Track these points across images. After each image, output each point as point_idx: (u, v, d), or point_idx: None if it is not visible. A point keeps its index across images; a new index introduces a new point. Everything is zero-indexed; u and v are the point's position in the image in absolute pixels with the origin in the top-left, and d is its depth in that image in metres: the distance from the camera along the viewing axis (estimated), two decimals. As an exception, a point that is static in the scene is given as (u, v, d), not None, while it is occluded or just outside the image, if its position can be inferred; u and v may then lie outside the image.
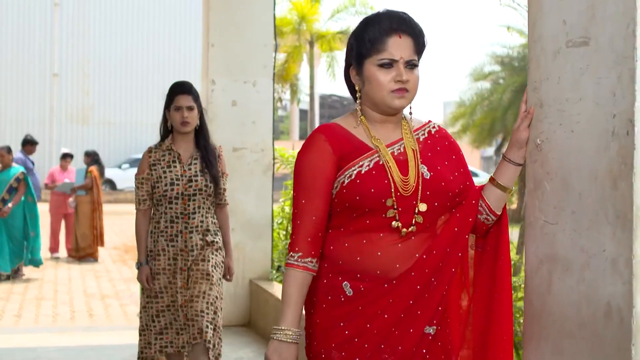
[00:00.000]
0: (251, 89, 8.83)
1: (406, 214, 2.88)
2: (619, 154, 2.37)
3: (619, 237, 2.37)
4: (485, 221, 3.00)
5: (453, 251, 2.95)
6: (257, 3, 8.83)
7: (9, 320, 9.52)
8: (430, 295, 2.90)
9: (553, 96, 2.70)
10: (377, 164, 2.89)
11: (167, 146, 5.62)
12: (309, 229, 2.89)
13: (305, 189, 2.92)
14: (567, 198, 2.62)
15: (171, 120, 5.58)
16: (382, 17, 2.92)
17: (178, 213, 5.50)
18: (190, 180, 5.53)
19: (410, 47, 2.88)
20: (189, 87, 5.64)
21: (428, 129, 3.07)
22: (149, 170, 5.57)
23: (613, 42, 2.41)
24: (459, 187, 2.97)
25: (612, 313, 2.40)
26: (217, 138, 8.58)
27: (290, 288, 2.87)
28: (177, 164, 5.57)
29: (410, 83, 2.88)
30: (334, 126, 2.99)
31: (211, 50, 8.78)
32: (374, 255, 2.86)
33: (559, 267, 2.66)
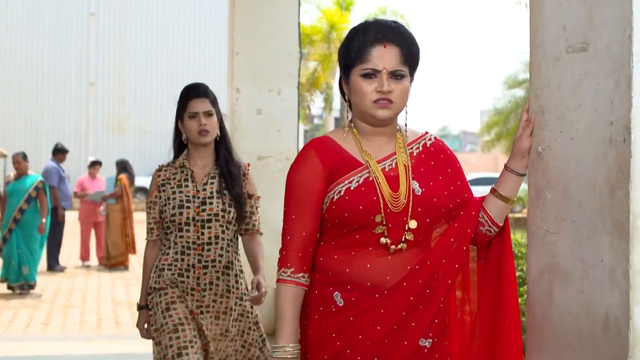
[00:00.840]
0: (276, 98, 8.79)
1: (396, 231, 2.83)
2: (616, 162, 2.32)
3: (616, 247, 2.32)
4: (488, 233, 2.95)
5: (449, 262, 2.90)
6: (282, 12, 8.82)
7: (36, 328, 9.57)
8: (425, 307, 2.85)
9: (554, 103, 2.66)
10: (367, 180, 2.85)
11: (180, 163, 4.58)
12: (299, 244, 2.87)
13: (296, 205, 2.90)
14: (567, 207, 2.58)
15: (186, 131, 4.56)
16: (368, 27, 2.88)
17: (190, 243, 4.44)
18: (204, 202, 4.46)
19: (396, 57, 2.83)
20: (204, 89, 4.64)
21: (423, 141, 3.01)
22: (157, 192, 4.55)
23: (611, 48, 2.36)
24: (453, 201, 2.91)
25: (610, 325, 2.35)
26: (241, 147, 8.60)
27: (285, 304, 2.85)
28: (190, 182, 4.52)
29: (394, 94, 2.82)
30: (326, 140, 2.96)
31: (236, 59, 8.76)
32: (364, 268, 2.83)
33: (560, 278, 2.61)
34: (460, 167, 3.02)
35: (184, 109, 4.57)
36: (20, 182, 12.37)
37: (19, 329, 9.55)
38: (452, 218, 2.93)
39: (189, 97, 4.58)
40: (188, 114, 4.52)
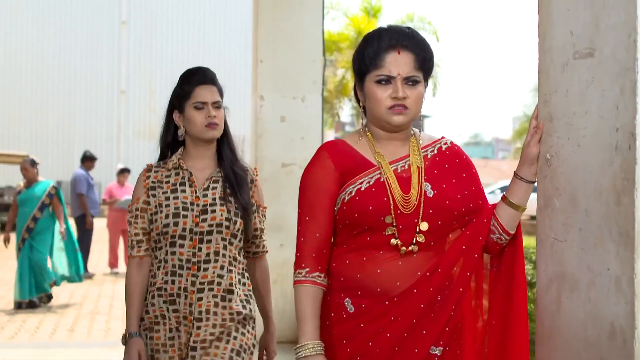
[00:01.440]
0: (300, 105, 8.79)
1: (407, 232, 2.82)
2: (622, 169, 2.29)
3: (622, 255, 2.29)
4: (499, 240, 2.92)
5: (461, 270, 2.88)
6: (305, 19, 8.82)
7: (61, 335, 9.61)
8: (436, 315, 2.84)
9: (562, 109, 2.62)
10: (378, 181, 2.85)
11: (174, 164, 3.78)
12: (313, 245, 2.87)
13: (308, 206, 2.91)
14: (575, 215, 2.54)
15: (187, 124, 3.76)
16: (382, 33, 2.89)
17: (183, 261, 3.63)
18: (206, 211, 3.67)
19: (410, 63, 2.84)
20: (212, 75, 3.87)
21: (439, 145, 3.01)
22: (146, 197, 3.73)
23: (616, 53, 2.33)
24: (466, 206, 2.89)
25: (615, 334, 2.32)
26: (265, 154, 8.63)
27: (303, 303, 2.84)
28: (188, 187, 3.72)
29: (409, 100, 2.83)
30: (339, 143, 2.98)
31: (260, 66, 8.78)
32: (374, 273, 2.82)
33: (567, 286, 2.58)
34: (476, 173, 3.00)
35: (186, 97, 3.77)
36: (32, 189, 11.68)
37: (45, 335, 9.59)
38: (465, 224, 2.91)
39: (193, 83, 3.79)
40: (193, 103, 3.74)
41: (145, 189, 3.76)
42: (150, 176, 3.80)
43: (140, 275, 3.72)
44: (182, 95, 3.78)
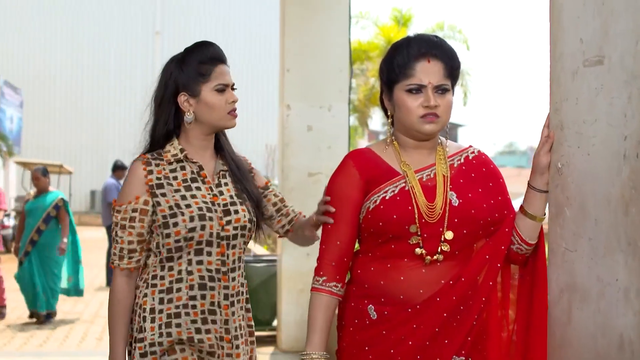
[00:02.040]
0: (327, 114, 8.78)
1: (431, 241, 2.82)
2: (630, 178, 2.25)
3: (630, 265, 2.25)
4: (519, 251, 2.90)
5: (484, 279, 2.86)
6: (332, 28, 8.81)
7: (90, 343, 9.65)
8: (459, 324, 2.83)
9: (572, 118, 2.59)
10: (403, 189, 2.86)
11: (173, 155, 3.21)
12: (334, 253, 2.89)
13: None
14: (585, 224, 2.50)
15: (202, 110, 3.20)
16: (411, 42, 2.90)
17: (213, 271, 3.15)
18: (228, 211, 3.20)
19: (440, 71, 2.85)
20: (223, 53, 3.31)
21: (466, 154, 3.00)
22: (147, 197, 3.14)
23: (624, 61, 2.29)
24: (492, 215, 2.88)
25: (624, 346, 2.28)
26: (292, 163, 8.63)
27: (315, 312, 2.86)
28: (201, 183, 3.21)
29: (440, 108, 2.85)
30: (365, 151, 2.98)
31: (287, 76, 8.78)
32: (397, 280, 2.83)
33: (578, 297, 2.54)
34: (503, 183, 2.99)
35: (205, 79, 3.20)
36: (40, 199, 10.92)
37: (74, 343, 9.64)
38: (490, 234, 2.90)
39: (213, 62, 3.23)
40: (215, 86, 3.20)
41: (146, 186, 3.14)
42: (153, 171, 3.18)
43: (131, 291, 3.17)
44: (198, 75, 3.20)
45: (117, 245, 3.15)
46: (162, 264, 3.14)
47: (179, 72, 3.21)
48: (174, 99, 3.22)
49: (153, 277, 3.14)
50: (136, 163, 3.21)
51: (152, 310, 3.11)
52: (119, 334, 3.14)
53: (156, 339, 3.09)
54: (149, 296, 3.12)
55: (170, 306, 3.10)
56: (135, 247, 3.14)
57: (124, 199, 3.15)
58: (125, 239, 3.13)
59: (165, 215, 3.10)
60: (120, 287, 3.16)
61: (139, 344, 3.10)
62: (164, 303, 3.11)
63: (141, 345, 3.10)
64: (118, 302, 3.14)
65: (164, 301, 3.11)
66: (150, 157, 3.21)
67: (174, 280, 3.12)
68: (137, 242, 3.14)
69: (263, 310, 9.17)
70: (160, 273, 3.13)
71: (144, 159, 3.20)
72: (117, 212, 3.16)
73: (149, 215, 3.13)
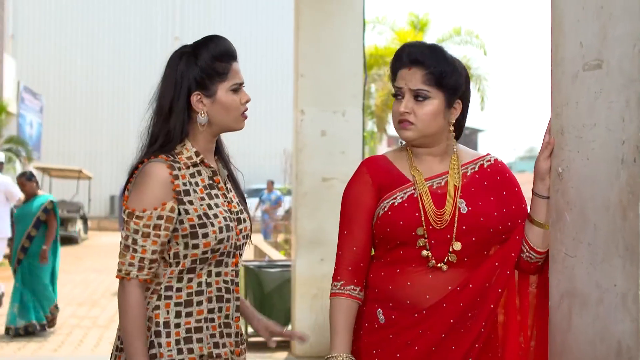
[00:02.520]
0: (340, 119, 8.77)
1: (439, 248, 2.83)
2: (627, 183, 2.23)
3: (628, 271, 2.23)
4: (529, 259, 2.89)
5: (492, 287, 2.85)
6: (346, 33, 8.80)
7: (104, 348, 9.66)
8: (466, 330, 2.83)
9: (572, 122, 2.57)
10: (412, 196, 2.87)
11: (188, 157, 2.96)
12: (350, 258, 2.91)
13: (347, 220, 2.95)
14: (584, 229, 2.48)
15: (217, 111, 2.96)
16: (403, 50, 2.93)
17: (229, 282, 2.97)
18: (240, 220, 3.02)
19: (419, 77, 2.85)
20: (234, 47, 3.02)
21: (481, 162, 2.99)
22: (174, 203, 2.84)
23: (622, 64, 2.27)
24: (504, 223, 2.87)
25: (622, 353, 2.25)
26: (305, 168, 8.63)
27: (336, 316, 2.88)
28: (217, 190, 2.98)
29: (413, 115, 2.85)
30: (379, 158, 3.01)
31: (300, 81, 8.78)
32: (404, 285, 2.84)
33: (577, 303, 2.51)
34: (518, 192, 2.97)
35: (222, 78, 2.95)
36: (28, 205, 10.33)
37: (88, 348, 9.67)
38: (501, 242, 2.89)
39: (229, 60, 2.98)
40: (231, 86, 2.95)
41: (173, 192, 2.85)
42: (179, 175, 2.88)
43: (144, 302, 2.83)
44: (214, 74, 2.93)
45: (137, 255, 2.80)
46: (180, 275, 2.87)
47: (191, 69, 2.92)
48: (187, 97, 2.93)
49: (167, 288, 2.87)
50: (158, 165, 2.86)
51: (166, 324, 2.84)
52: (139, 351, 2.77)
53: (175, 355, 2.82)
54: (162, 309, 2.85)
55: (190, 320, 2.85)
56: (157, 256, 2.83)
57: (147, 205, 2.81)
58: (149, 248, 2.81)
59: (194, 225, 2.84)
60: (138, 300, 2.80)
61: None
62: (182, 317, 2.85)
63: None
64: (136, 317, 2.78)
65: (182, 315, 2.85)
66: (170, 157, 2.91)
67: (194, 292, 2.87)
68: (159, 251, 2.83)
69: (277, 315, 9.15)
70: (177, 285, 2.87)
71: (166, 161, 2.88)
72: (137, 218, 2.81)
73: (174, 223, 2.84)
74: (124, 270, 2.82)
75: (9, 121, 23.42)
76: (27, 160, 24.43)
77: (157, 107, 2.98)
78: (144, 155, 2.94)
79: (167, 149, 2.93)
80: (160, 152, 2.91)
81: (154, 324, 2.85)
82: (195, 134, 2.98)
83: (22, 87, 27.95)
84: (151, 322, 2.85)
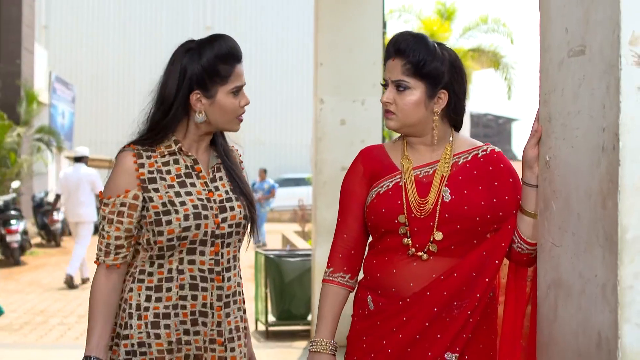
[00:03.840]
0: (360, 108, 8.72)
1: (421, 237, 2.84)
2: (607, 171, 2.18)
3: (607, 261, 2.18)
4: (519, 250, 2.85)
5: (480, 276, 2.83)
6: (366, 22, 8.74)
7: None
8: (452, 319, 2.82)
9: (559, 109, 2.52)
10: (397, 185, 2.89)
11: (167, 146, 3.01)
12: (340, 246, 2.98)
13: (340, 209, 3.02)
14: (569, 218, 2.44)
15: (213, 112, 2.98)
16: (390, 40, 2.94)
17: (206, 271, 2.96)
18: (224, 208, 3.00)
19: (399, 68, 2.85)
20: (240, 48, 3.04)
21: (475, 152, 2.96)
22: (138, 191, 2.92)
23: (603, 50, 2.22)
24: (493, 213, 2.85)
25: (602, 344, 2.21)
26: (325, 157, 8.59)
27: (322, 301, 2.96)
28: (195, 178, 3.00)
29: (394, 105, 2.86)
30: (375, 148, 3.05)
31: (320, 70, 8.73)
32: (390, 273, 2.86)
33: (562, 293, 2.47)
34: (513, 183, 2.91)
35: (223, 80, 2.97)
36: None
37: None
38: (490, 231, 2.87)
39: (232, 61, 2.99)
40: (232, 89, 2.98)
41: (137, 180, 2.93)
42: (145, 164, 2.95)
43: (115, 287, 2.94)
44: (216, 76, 2.95)
45: (104, 241, 2.92)
46: (151, 260, 2.94)
47: (194, 67, 2.95)
48: (187, 94, 2.96)
49: (141, 272, 2.95)
50: (125, 154, 2.97)
51: (137, 306, 2.92)
52: (95, 332, 2.87)
53: (144, 338, 2.91)
54: (135, 291, 2.94)
55: (159, 305, 2.92)
56: (123, 242, 2.92)
57: (112, 192, 2.93)
58: (113, 234, 2.91)
59: (157, 212, 2.89)
60: (101, 284, 2.93)
61: (125, 341, 2.92)
62: (152, 301, 2.92)
63: (127, 342, 2.92)
64: (97, 301, 2.90)
65: (152, 299, 2.93)
66: (141, 148, 2.98)
67: (164, 278, 2.93)
68: (125, 237, 2.92)
69: (298, 304, 9.18)
70: (149, 269, 2.94)
71: (134, 149, 2.97)
72: (104, 205, 2.93)
73: (138, 210, 2.91)
74: (97, 255, 2.95)
75: (40, 111, 23.52)
76: (58, 150, 24.56)
77: (158, 97, 3.03)
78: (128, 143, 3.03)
79: (156, 139, 3.00)
80: (140, 140, 3.00)
81: (128, 305, 2.95)
82: (186, 127, 3.03)
83: (54, 77, 28.09)
84: (126, 303, 2.95)
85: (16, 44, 22.44)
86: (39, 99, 23.01)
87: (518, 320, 2.88)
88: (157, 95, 3.03)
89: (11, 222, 16.19)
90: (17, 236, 16.17)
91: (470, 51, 27.93)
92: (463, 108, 2.94)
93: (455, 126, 2.97)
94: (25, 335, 9.60)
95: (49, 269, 15.86)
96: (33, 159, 21.85)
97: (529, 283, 2.91)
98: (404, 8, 27.13)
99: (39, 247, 19.99)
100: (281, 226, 25.40)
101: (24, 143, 21.47)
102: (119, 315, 2.97)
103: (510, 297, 2.91)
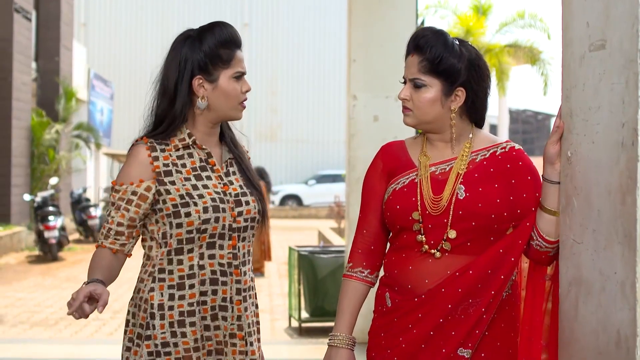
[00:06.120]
0: (393, 104, 8.64)
1: (435, 234, 2.83)
2: (627, 167, 2.16)
3: (626, 258, 2.16)
4: (538, 248, 2.80)
5: (495, 273, 2.80)
6: (399, 18, 8.70)
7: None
8: (467, 316, 2.80)
9: (580, 105, 2.49)
10: (412, 181, 2.89)
11: (181, 139, 3.02)
12: (360, 241, 3.00)
13: (362, 205, 3.03)
14: (589, 215, 2.41)
15: (216, 98, 2.99)
16: (411, 36, 2.93)
17: (225, 265, 2.96)
18: (239, 202, 3.02)
19: (415, 65, 2.85)
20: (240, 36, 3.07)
21: (494, 150, 2.92)
22: (152, 183, 2.95)
23: (622, 44, 2.20)
24: (510, 210, 2.82)
25: (621, 343, 2.18)
26: (358, 154, 8.57)
27: (341, 296, 2.98)
28: (210, 172, 3.03)
29: (410, 102, 2.86)
30: (395, 144, 3.04)
31: (353, 66, 8.70)
32: (406, 270, 2.87)
33: (583, 291, 2.45)
34: (532, 181, 2.86)
35: (226, 64, 2.99)
36: None
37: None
38: (508, 229, 2.85)
39: (233, 46, 3.01)
40: (234, 73, 2.99)
41: (153, 172, 2.94)
42: (159, 157, 2.97)
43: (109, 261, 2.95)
44: (218, 60, 2.97)
45: (107, 225, 2.93)
46: (169, 256, 2.93)
47: (195, 53, 2.98)
48: (190, 81, 2.98)
49: (160, 270, 2.93)
50: (138, 147, 2.98)
51: (160, 306, 2.90)
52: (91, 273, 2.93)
53: (169, 338, 2.89)
54: (157, 291, 2.92)
55: (183, 303, 2.91)
56: (124, 230, 2.92)
57: (125, 180, 2.95)
58: (116, 219, 2.92)
59: (176, 204, 2.90)
60: (98, 256, 2.95)
61: (147, 342, 2.89)
62: (175, 299, 2.91)
63: (149, 343, 2.89)
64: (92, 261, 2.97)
65: (175, 297, 2.91)
66: (154, 141, 2.99)
67: (185, 275, 2.92)
68: (127, 226, 2.92)
69: (331, 301, 9.16)
70: (169, 267, 2.92)
71: (147, 143, 2.98)
72: (115, 191, 2.95)
73: (147, 202, 2.92)
74: (98, 238, 2.99)
75: (79, 108, 23.72)
76: (96, 147, 24.77)
77: (160, 89, 3.05)
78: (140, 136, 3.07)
79: (168, 132, 3.01)
80: (152, 134, 3.02)
81: (150, 305, 2.92)
82: (193, 117, 3.04)
83: (92, 74, 28.34)
84: (147, 303, 2.93)
85: (55, 42, 22.60)
86: (77, 96, 23.21)
87: (536, 318, 2.85)
88: (159, 85, 3.06)
89: (49, 218, 16.39)
90: (55, 232, 16.36)
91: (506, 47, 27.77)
92: (484, 106, 2.92)
93: (477, 123, 2.94)
94: (61, 331, 9.68)
95: (86, 265, 15.63)
96: (71, 156, 22.04)
97: (548, 282, 2.87)
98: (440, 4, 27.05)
99: (76, 243, 20.13)
100: (318, 222, 25.43)
101: (63, 140, 21.64)
102: (139, 316, 2.95)
103: (529, 295, 2.88)
